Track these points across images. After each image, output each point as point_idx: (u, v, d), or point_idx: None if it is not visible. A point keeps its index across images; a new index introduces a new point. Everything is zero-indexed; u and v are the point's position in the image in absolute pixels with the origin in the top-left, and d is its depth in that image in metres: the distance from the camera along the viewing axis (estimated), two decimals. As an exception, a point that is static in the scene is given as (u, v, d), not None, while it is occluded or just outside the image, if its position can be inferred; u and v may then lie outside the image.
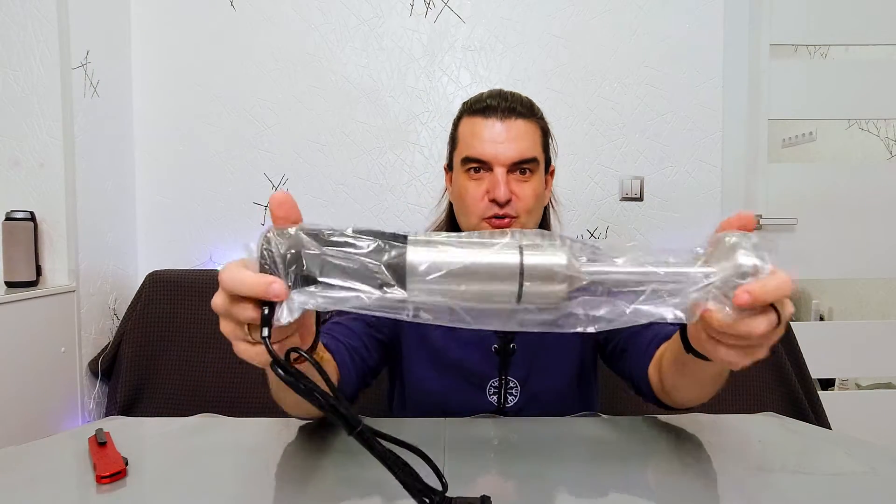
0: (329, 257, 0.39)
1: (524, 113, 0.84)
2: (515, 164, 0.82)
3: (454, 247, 0.39)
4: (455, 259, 0.38)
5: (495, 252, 0.38)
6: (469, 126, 0.85)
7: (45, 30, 1.37)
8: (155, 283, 1.51)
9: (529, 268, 0.37)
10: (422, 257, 0.39)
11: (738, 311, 0.41)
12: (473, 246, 0.39)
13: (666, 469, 0.61)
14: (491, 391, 0.85)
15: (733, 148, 1.69)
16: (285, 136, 1.69)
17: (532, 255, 0.38)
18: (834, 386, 2.33)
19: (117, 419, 0.76)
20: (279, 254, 0.39)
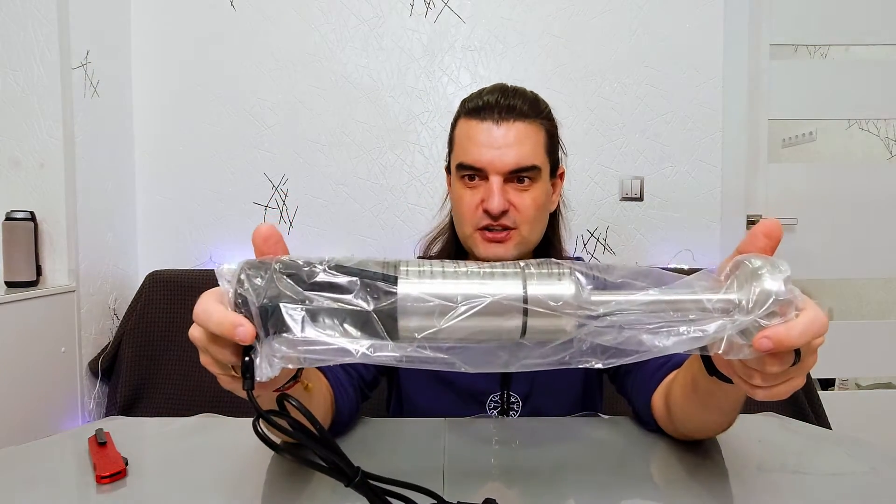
0: (311, 306, 0.34)
1: (525, 113, 0.77)
2: (513, 173, 0.75)
3: (450, 282, 0.34)
4: (451, 299, 0.34)
5: (497, 285, 0.34)
6: (465, 129, 0.78)
7: (45, 30, 1.37)
8: (155, 283, 1.51)
9: (534, 299, 0.34)
10: (413, 302, 0.34)
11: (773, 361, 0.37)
12: (472, 278, 0.35)
13: (666, 469, 0.61)
14: (491, 406, 0.82)
15: (733, 148, 1.69)
16: (285, 136, 1.69)
17: (536, 286, 0.34)
18: (834, 386, 2.33)
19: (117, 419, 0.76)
20: (254, 302, 0.35)
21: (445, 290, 0.34)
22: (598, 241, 1.70)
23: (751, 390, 0.42)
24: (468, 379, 0.81)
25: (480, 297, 0.34)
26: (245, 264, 0.36)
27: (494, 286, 0.34)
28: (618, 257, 1.69)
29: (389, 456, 0.63)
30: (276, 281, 0.35)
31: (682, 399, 0.59)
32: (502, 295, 0.34)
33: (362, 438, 0.67)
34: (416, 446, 0.65)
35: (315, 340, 0.34)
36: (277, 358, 0.35)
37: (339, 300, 0.34)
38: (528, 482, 0.56)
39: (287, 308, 0.35)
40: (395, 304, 0.34)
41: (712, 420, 0.60)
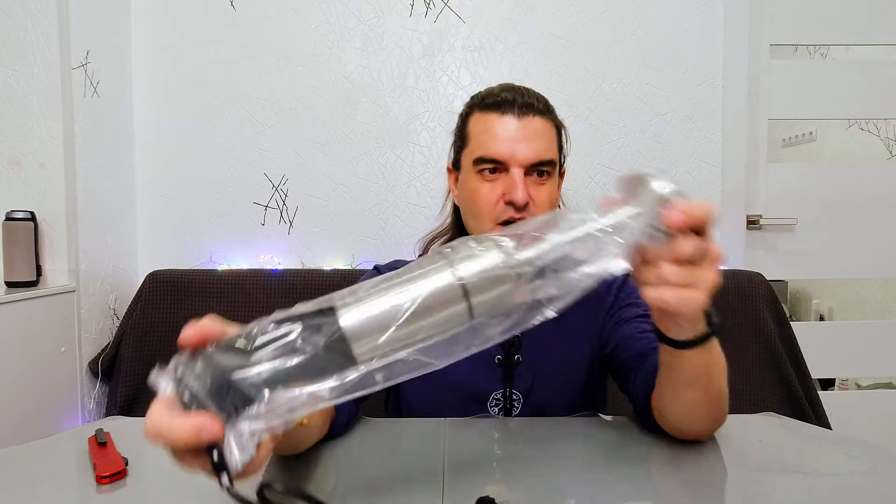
0: (262, 367, 0.32)
1: (541, 110, 0.78)
2: (533, 166, 0.76)
3: (384, 294, 0.34)
4: (390, 310, 0.34)
5: (429, 280, 0.34)
6: (482, 123, 0.78)
7: (45, 30, 1.37)
8: (155, 283, 1.51)
9: (469, 279, 0.34)
10: (358, 322, 0.33)
11: (670, 239, 0.42)
12: (404, 283, 0.34)
13: (666, 469, 0.61)
14: (493, 403, 0.82)
15: (733, 148, 1.69)
16: (285, 136, 1.69)
17: (465, 266, 0.34)
18: (834, 386, 2.33)
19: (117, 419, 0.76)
20: (203, 388, 0.32)
21: (383, 303, 0.34)
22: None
23: (663, 296, 0.45)
24: (469, 379, 0.81)
25: (416, 297, 0.33)
26: (178, 358, 0.34)
27: (427, 282, 0.34)
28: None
29: (389, 456, 0.63)
30: (217, 359, 0.33)
31: (660, 385, 0.63)
32: (438, 286, 0.33)
33: (362, 439, 0.67)
34: (415, 446, 0.65)
35: (281, 400, 0.32)
36: (248, 437, 0.32)
37: (287, 352, 0.33)
38: (529, 482, 0.56)
39: (240, 376, 0.32)
40: (341, 332, 0.33)
41: (692, 402, 0.60)
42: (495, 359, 0.83)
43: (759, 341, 1.45)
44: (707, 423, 0.64)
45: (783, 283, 2.59)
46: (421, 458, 0.62)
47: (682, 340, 0.55)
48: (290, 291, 1.50)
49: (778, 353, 1.44)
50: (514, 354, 0.83)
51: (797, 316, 2.74)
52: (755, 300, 1.47)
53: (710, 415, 0.63)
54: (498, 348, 0.83)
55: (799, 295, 2.77)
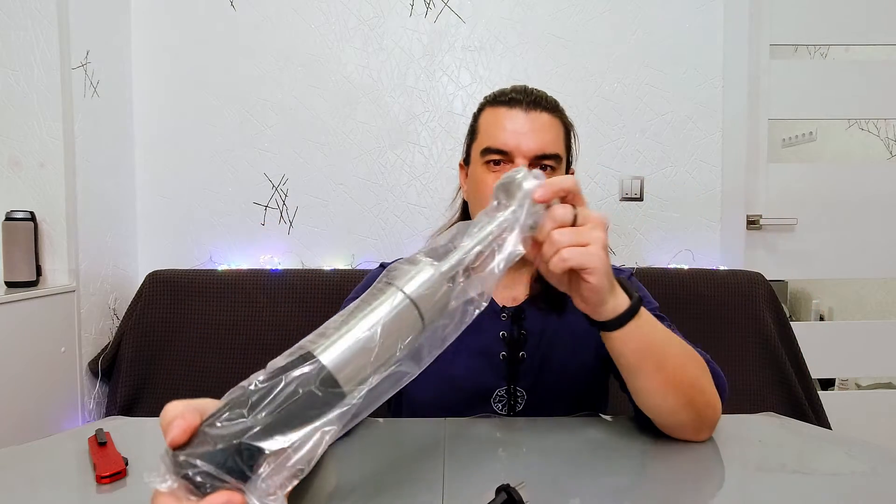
0: (263, 423, 0.34)
1: (549, 107, 0.81)
2: (538, 158, 0.78)
3: (352, 327, 0.38)
4: (363, 337, 0.38)
5: (385, 304, 0.39)
6: (491, 116, 0.81)
7: (45, 30, 1.37)
8: (155, 283, 1.51)
9: (414, 294, 0.40)
10: (338, 356, 0.37)
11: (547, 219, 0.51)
12: (365, 313, 0.39)
13: (666, 469, 0.61)
14: (496, 399, 0.83)
15: (733, 148, 1.69)
16: (285, 136, 1.69)
17: (408, 285, 0.40)
18: (834, 386, 2.33)
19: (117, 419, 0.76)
20: (212, 464, 0.32)
21: (353, 334, 0.38)
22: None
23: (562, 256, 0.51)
24: (473, 376, 0.82)
25: (378, 320, 0.39)
26: (170, 453, 0.34)
27: (384, 306, 0.39)
28: (618, 257, 1.69)
29: (390, 456, 0.63)
30: (216, 432, 0.33)
31: (624, 380, 0.65)
32: (393, 306, 0.39)
33: (363, 438, 0.67)
34: (416, 446, 0.65)
35: (293, 443, 0.34)
36: (272, 494, 0.33)
37: (280, 403, 0.34)
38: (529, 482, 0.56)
39: (245, 438, 0.33)
40: (327, 370, 0.36)
41: (653, 388, 0.62)
42: (500, 355, 0.83)
43: (759, 341, 1.45)
44: (686, 413, 0.63)
45: (783, 283, 2.59)
46: (421, 458, 0.62)
47: (610, 320, 0.58)
48: (290, 291, 1.51)
49: (778, 353, 1.44)
50: (519, 351, 0.83)
51: (797, 316, 2.74)
52: (755, 300, 1.47)
53: (680, 401, 0.62)
54: (502, 345, 0.83)
55: (799, 295, 2.77)
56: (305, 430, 0.35)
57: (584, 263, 0.52)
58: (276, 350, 0.38)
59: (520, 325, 0.84)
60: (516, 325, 0.84)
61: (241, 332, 1.48)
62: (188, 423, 0.34)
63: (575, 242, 0.51)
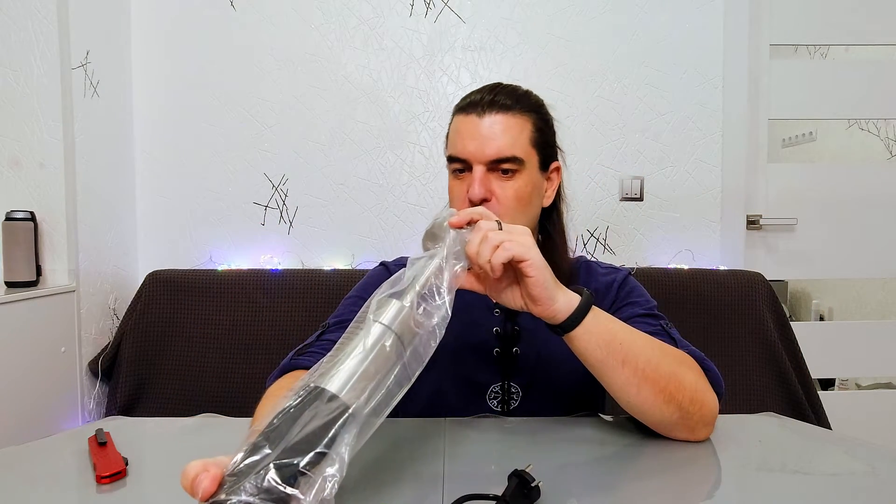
0: (290, 443, 0.37)
1: (509, 106, 0.78)
2: (494, 163, 0.77)
3: (348, 358, 0.44)
4: (358, 364, 0.44)
5: (369, 335, 0.46)
6: (454, 124, 0.82)
7: (45, 30, 1.37)
8: (155, 283, 1.51)
9: (391, 322, 0.47)
10: (340, 382, 0.42)
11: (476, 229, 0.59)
12: (353, 345, 0.45)
13: (666, 469, 0.61)
14: (492, 396, 0.83)
15: (733, 148, 1.69)
16: (285, 136, 1.69)
17: (386, 316, 0.47)
18: (834, 386, 2.33)
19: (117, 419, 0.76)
20: (251, 493, 0.34)
21: (346, 362, 0.44)
22: (598, 241, 1.70)
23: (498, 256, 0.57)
24: (468, 371, 0.83)
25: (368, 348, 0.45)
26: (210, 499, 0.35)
27: (369, 338, 0.46)
28: (618, 257, 1.69)
29: (390, 456, 0.63)
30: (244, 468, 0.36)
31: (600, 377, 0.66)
32: (375, 336, 0.46)
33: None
34: (416, 446, 0.65)
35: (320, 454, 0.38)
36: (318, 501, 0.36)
37: (299, 429, 0.38)
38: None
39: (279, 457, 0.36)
40: (332, 393, 0.41)
41: (626, 384, 0.63)
42: (493, 352, 0.83)
43: (759, 341, 1.45)
44: (668, 409, 0.63)
45: (783, 283, 2.59)
46: (421, 458, 0.62)
47: (567, 319, 0.61)
48: (290, 291, 1.51)
49: (778, 353, 1.44)
50: (513, 347, 0.83)
51: (797, 316, 2.74)
52: (755, 300, 1.47)
53: (657, 396, 0.62)
54: (496, 341, 0.83)
55: (799, 295, 2.77)
56: (326, 439, 0.38)
57: (522, 254, 0.57)
58: (276, 350, 0.39)
59: (513, 321, 0.84)
60: (510, 320, 0.84)
61: (241, 332, 1.48)
62: (214, 473, 0.35)
63: (499, 242, 0.57)
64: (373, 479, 0.57)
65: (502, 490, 0.48)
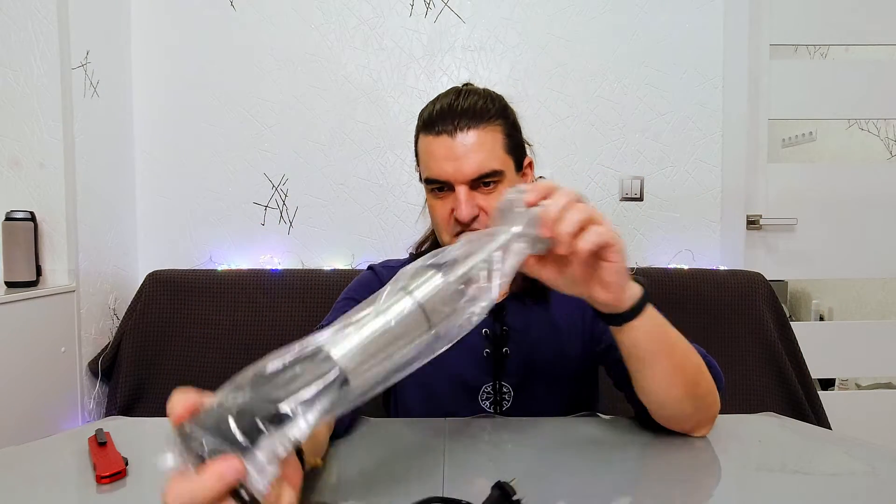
0: (264, 396, 0.36)
1: (478, 118, 0.77)
2: (476, 180, 0.77)
3: (360, 325, 0.41)
4: (372, 336, 0.41)
5: (393, 306, 0.43)
6: (424, 145, 0.80)
7: (45, 30, 1.37)
8: (155, 283, 1.51)
9: (424, 300, 0.43)
10: (345, 351, 0.39)
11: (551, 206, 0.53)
12: (375, 312, 0.42)
13: (665, 468, 0.61)
14: (483, 396, 0.83)
15: (733, 148, 1.69)
16: (285, 136, 1.69)
17: (420, 290, 0.43)
18: (834, 386, 2.33)
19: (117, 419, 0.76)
20: (214, 435, 0.34)
21: (360, 330, 0.41)
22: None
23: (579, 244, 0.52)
24: (459, 372, 0.83)
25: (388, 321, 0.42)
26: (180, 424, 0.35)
27: (392, 311, 0.42)
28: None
29: (389, 456, 0.63)
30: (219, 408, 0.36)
31: (631, 372, 0.65)
32: (402, 311, 0.42)
33: (363, 438, 0.67)
34: (415, 446, 0.66)
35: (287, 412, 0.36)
36: (266, 462, 0.34)
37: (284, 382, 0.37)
38: (529, 482, 0.56)
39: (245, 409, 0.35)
40: (331, 360, 0.38)
41: (662, 375, 0.62)
42: (483, 352, 0.83)
43: (759, 341, 1.45)
44: (690, 402, 0.64)
45: (783, 283, 2.59)
46: (421, 458, 0.62)
47: (624, 312, 0.58)
48: (290, 291, 1.51)
49: (778, 353, 1.44)
50: (503, 347, 0.83)
51: (797, 316, 2.74)
52: (755, 300, 1.47)
53: (686, 389, 0.63)
54: (485, 342, 0.84)
55: (799, 295, 2.77)
56: (301, 400, 0.36)
57: (610, 240, 0.53)
58: (275, 350, 0.38)
59: (501, 320, 0.84)
60: (498, 321, 0.84)
61: (241, 332, 1.48)
62: (190, 400, 0.36)
63: (581, 223, 0.52)
64: (372, 479, 0.57)
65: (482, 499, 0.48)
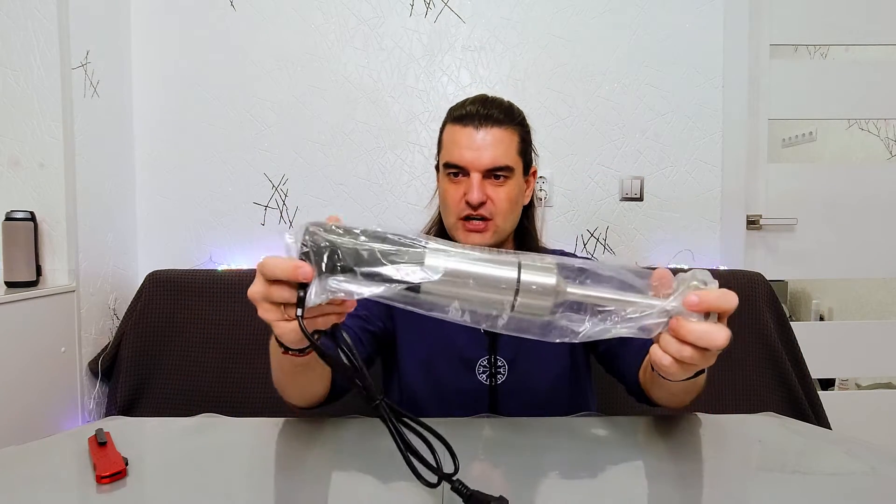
0: (359, 252, 0.44)
1: (501, 120, 0.89)
2: (489, 171, 0.88)
3: (464, 258, 0.44)
4: (464, 268, 0.44)
5: (498, 267, 0.44)
6: (450, 133, 0.92)
7: (45, 30, 1.37)
8: (155, 283, 1.51)
9: (525, 283, 0.43)
10: (437, 262, 0.44)
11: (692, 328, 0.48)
12: (481, 260, 0.44)
13: (666, 469, 0.61)
14: (480, 370, 0.90)
15: (733, 148, 1.69)
16: (285, 136, 1.69)
17: (528, 273, 0.44)
18: (834, 386, 2.33)
19: (117, 419, 0.76)
20: (315, 244, 0.45)
21: (461, 259, 0.44)
22: (598, 241, 1.70)
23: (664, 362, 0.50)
24: (459, 344, 0.90)
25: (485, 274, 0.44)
26: (309, 223, 0.46)
27: (498, 272, 0.44)
28: (618, 257, 1.69)
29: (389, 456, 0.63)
30: (334, 233, 0.45)
31: (648, 381, 0.73)
32: (500, 277, 0.44)
33: (363, 438, 0.67)
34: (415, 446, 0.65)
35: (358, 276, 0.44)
36: (327, 290, 0.44)
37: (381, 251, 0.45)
38: (529, 482, 0.56)
39: (342, 248, 0.45)
40: (423, 259, 0.44)
41: (671, 399, 0.70)
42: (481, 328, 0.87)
43: (759, 341, 1.45)
44: (691, 396, 0.70)
45: (783, 283, 2.59)
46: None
47: None
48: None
49: (778, 353, 1.44)
50: None
51: (797, 316, 2.74)
52: (755, 300, 1.47)
53: (690, 399, 0.70)
54: None
55: (799, 295, 2.77)
56: (378, 274, 0.44)
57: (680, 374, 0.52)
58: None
59: None
60: None
61: (241, 332, 1.48)
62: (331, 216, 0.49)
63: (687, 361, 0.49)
64: (372, 479, 0.57)
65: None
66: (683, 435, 0.67)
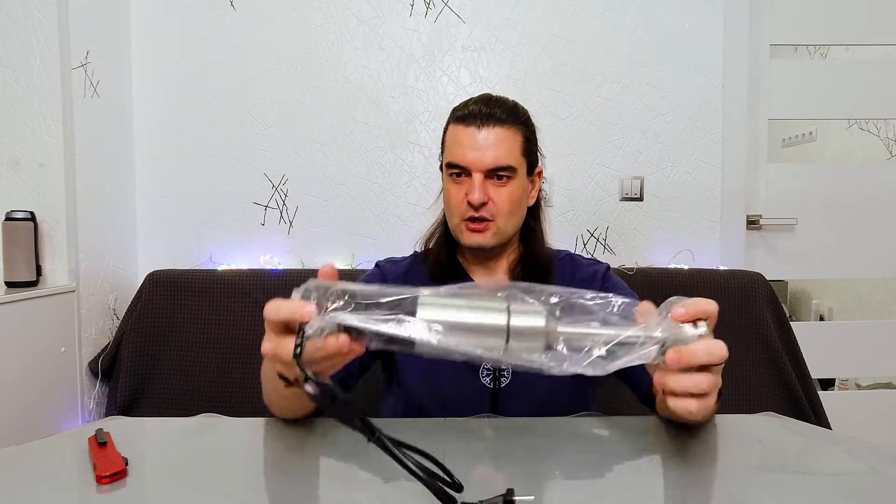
0: (357, 302, 0.46)
1: (504, 119, 0.88)
2: (491, 171, 0.87)
3: (454, 307, 0.45)
4: (455, 319, 0.45)
5: (488, 314, 0.45)
6: (453, 133, 0.90)
7: (45, 30, 1.37)
8: (155, 283, 1.51)
9: (514, 328, 0.44)
10: (428, 316, 0.45)
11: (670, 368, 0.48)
12: (469, 307, 0.45)
13: (666, 469, 0.61)
14: (484, 373, 0.89)
15: (733, 148, 1.69)
16: (285, 136, 1.69)
17: (517, 318, 0.45)
18: (834, 386, 2.33)
19: (117, 419, 0.76)
20: (319, 289, 0.47)
21: (450, 309, 0.45)
22: (598, 241, 1.70)
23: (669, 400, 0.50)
24: None
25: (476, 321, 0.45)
26: (312, 279, 0.48)
27: (487, 314, 0.45)
28: (618, 257, 1.69)
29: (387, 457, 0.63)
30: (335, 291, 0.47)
31: (664, 410, 0.67)
32: (493, 323, 0.45)
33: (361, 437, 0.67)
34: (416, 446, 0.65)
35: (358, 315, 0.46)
36: (325, 326, 0.46)
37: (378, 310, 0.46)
38: (529, 481, 0.56)
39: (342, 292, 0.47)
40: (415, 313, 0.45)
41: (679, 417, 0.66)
42: None
43: (759, 341, 1.45)
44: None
45: (783, 283, 2.59)
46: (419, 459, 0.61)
47: None
48: (290, 291, 1.50)
49: (778, 353, 1.44)
50: None
51: (797, 316, 2.74)
52: (755, 300, 1.47)
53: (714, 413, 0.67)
54: None
55: (799, 295, 2.77)
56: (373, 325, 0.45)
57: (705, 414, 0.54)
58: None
59: None
60: None
61: (241, 332, 1.48)
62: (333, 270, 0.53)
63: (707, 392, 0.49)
64: (372, 479, 0.57)
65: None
66: (683, 435, 0.67)
